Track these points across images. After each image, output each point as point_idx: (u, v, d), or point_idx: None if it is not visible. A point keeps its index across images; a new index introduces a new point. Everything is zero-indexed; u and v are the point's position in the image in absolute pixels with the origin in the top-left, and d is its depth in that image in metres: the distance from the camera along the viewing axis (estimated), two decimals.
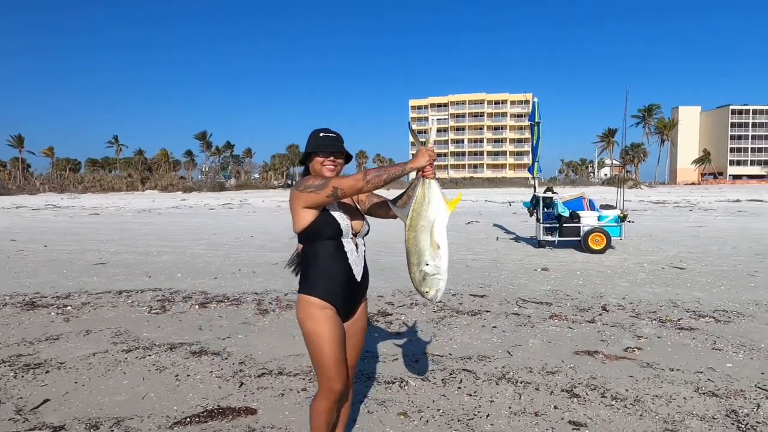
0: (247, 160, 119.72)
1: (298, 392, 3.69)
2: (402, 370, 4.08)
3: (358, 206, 2.59)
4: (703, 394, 3.63)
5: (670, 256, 9.37)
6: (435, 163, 2.29)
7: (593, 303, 6.09)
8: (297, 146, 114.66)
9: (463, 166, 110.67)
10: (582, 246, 9.58)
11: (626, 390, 3.69)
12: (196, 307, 6.08)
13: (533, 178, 10.49)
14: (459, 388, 3.75)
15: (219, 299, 6.42)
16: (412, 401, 3.55)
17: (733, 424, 3.21)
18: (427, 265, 2.19)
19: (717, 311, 5.68)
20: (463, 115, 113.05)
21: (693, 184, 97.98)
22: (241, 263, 9.15)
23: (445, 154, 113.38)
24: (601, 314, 5.61)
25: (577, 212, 9.72)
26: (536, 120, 9.86)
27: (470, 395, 3.63)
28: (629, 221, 10.00)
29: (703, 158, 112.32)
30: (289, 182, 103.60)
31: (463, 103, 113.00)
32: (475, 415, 3.35)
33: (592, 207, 9.88)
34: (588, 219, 9.59)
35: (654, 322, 5.31)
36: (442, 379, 3.89)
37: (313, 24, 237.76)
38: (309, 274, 2.37)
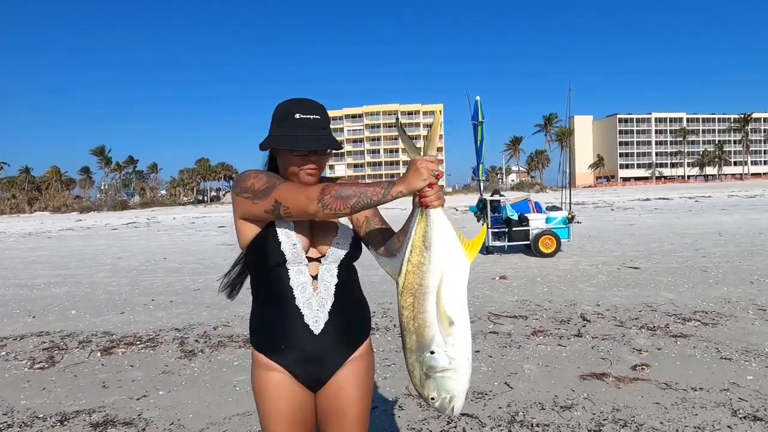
0: (153, 175, 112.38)
1: None
2: (385, 424, 3.16)
3: (344, 220, 1.64)
4: (744, 418, 3.07)
5: (618, 256, 9.22)
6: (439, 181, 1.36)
7: (570, 313, 5.53)
8: (207, 160, 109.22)
9: (381, 176, 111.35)
10: (532, 250, 9.18)
11: (661, 423, 3.04)
12: (98, 354, 4.73)
13: (479, 180, 10.00)
14: None
15: (129, 341, 5.10)
16: None
17: None
18: (432, 353, 1.33)
19: (697, 313, 5.33)
20: (378, 126, 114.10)
21: (590, 186, 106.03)
22: (154, 291, 7.69)
23: (361, 165, 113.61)
24: (584, 326, 5.04)
25: (525, 215, 9.34)
26: (479, 119, 9.38)
27: None
28: (577, 222, 9.80)
29: (598, 163, 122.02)
30: (201, 198, 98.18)
31: (377, 113, 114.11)
32: None
33: (538, 209, 9.55)
34: (536, 222, 9.22)
35: (643, 330, 4.82)
36: (441, 431, 3.02)
37: (220, 31, 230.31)
38: (251, 316, 1.62)
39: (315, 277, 1.54)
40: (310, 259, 1.53)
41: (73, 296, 7.61)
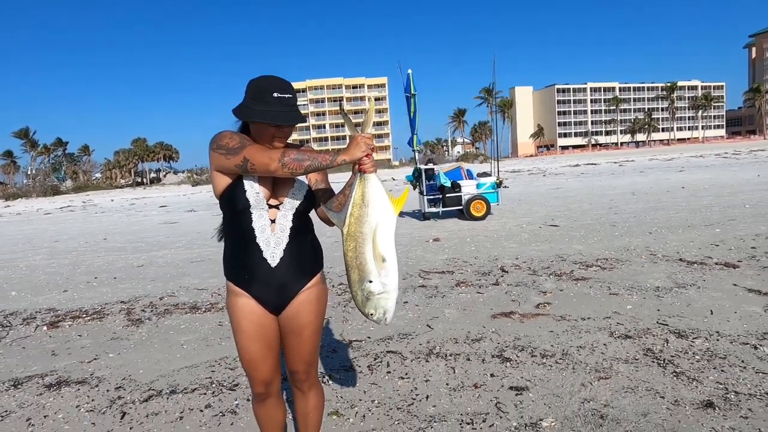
0: (85, 158, 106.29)
1: (201, 411, 3.03)
2: (322, 364, 3.61)
3: (301, 177, 2.03)
4: (618, 337, 3.73)
5: (542, 216, 10.03)
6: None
7: (492, 266, 6.15)
8: (144, 139, 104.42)
9: (327, 151, 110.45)
10: (465, 214, 9.82)
11: (552, 345, 3.65)
12: (44, 328, 4.89)
13: (414, 151, 10.48)
14: (388, 372, 3.39)
15: (74, 315, 5.26)
16: (341, 396, 3.11)
17: (653, 361, 3.31)
18: (371, 282, 1.83)
19: (599, 260, 6.07)
20: (322, 100, 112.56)
21: (531, 156, 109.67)
22: (96, 270, 7.74)
23: (307, 140, 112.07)
24: (502, 276, 5.66)
25: (458, 182, 9.95)
26: (411, 92, 9.80)
27: (402, 378, 3.30)
28: (505, 186, 10.51)
29: (538, 133, 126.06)
30: (140, 180, 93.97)
31: (321, 88, 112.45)
32: (414, 399, 3.02)
33: (470, 176, 10.19)
34: (468, 187, 9.86)
35: (551, 276, 5.48)
36: (368, 366, 3.50)
37: (154, 10, 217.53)
38: (224, 252, 2.03)
39: (274, 221, 1.94)
40: (270, 206, 1.93)
41: (10, 279, 7.54)
